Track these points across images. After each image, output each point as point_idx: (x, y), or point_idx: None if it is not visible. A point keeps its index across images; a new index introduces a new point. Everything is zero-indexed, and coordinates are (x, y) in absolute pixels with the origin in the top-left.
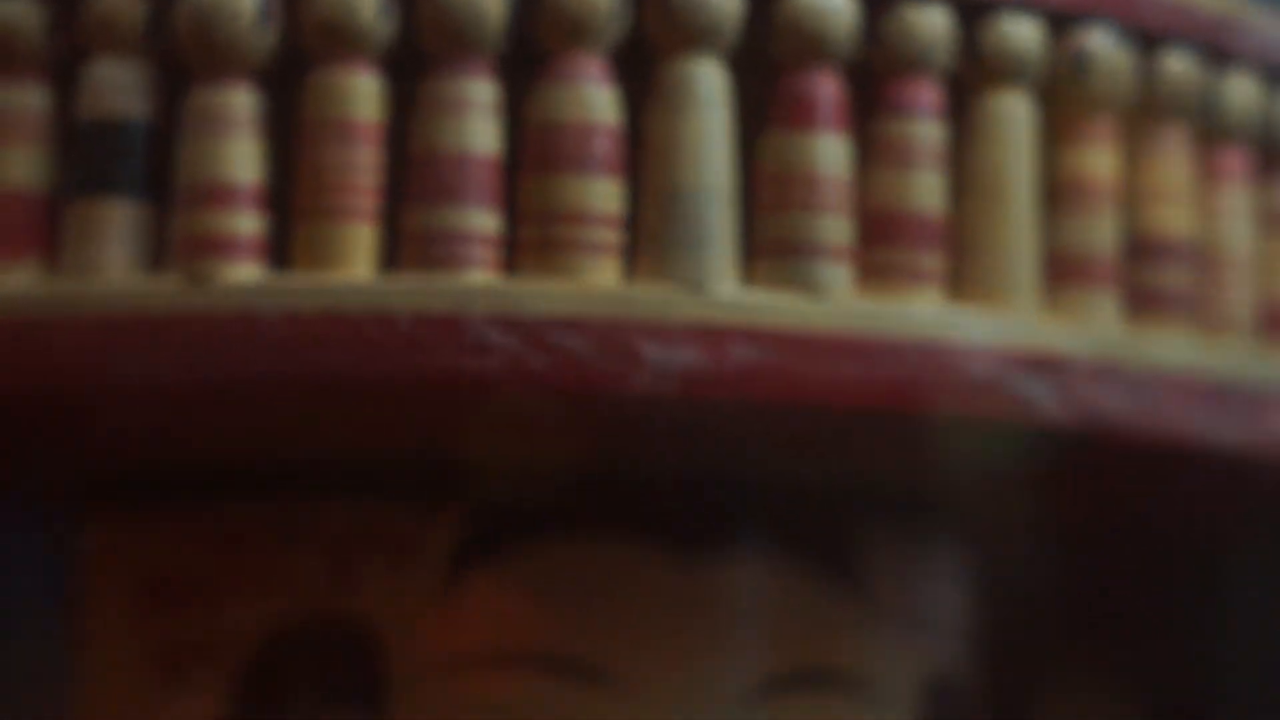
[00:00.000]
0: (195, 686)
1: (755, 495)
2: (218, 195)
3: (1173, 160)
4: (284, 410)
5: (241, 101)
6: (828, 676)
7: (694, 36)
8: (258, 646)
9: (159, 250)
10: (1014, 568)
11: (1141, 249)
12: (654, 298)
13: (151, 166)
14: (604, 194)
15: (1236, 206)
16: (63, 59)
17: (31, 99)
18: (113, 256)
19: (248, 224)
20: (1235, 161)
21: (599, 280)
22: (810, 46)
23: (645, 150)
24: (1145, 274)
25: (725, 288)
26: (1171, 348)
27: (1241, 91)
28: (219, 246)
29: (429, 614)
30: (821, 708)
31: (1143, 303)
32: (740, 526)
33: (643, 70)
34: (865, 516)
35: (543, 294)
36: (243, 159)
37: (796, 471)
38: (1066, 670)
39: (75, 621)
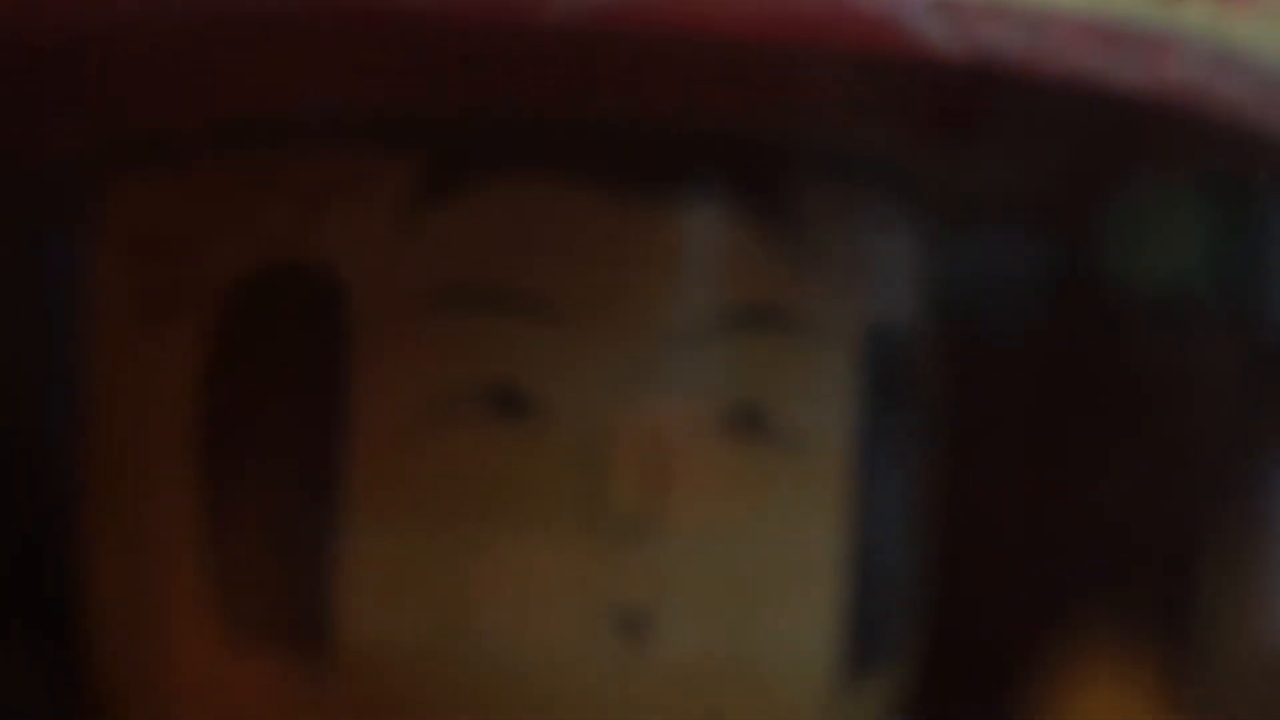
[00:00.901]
0: (176, 330)
1: (696, 144)
2: None
3: None
4: (258, 60)
5: None
6: (767, 313)
7: None
8: (231, 292)
9: None
10: (943, 221)
11: None
12: None
13: None
14: None
15: None
16: None
17: None
18: None
19: None
20: None
21: None
22: None
23: None
24: None
25: None
26: None
27: None
28: None
29: (387, 255)
30: (763, 345)
31: None
32: (682, 173)
33: None
34: (803, 162)
35: None
36: None
37: (735, 122)
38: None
39: (75, 283)
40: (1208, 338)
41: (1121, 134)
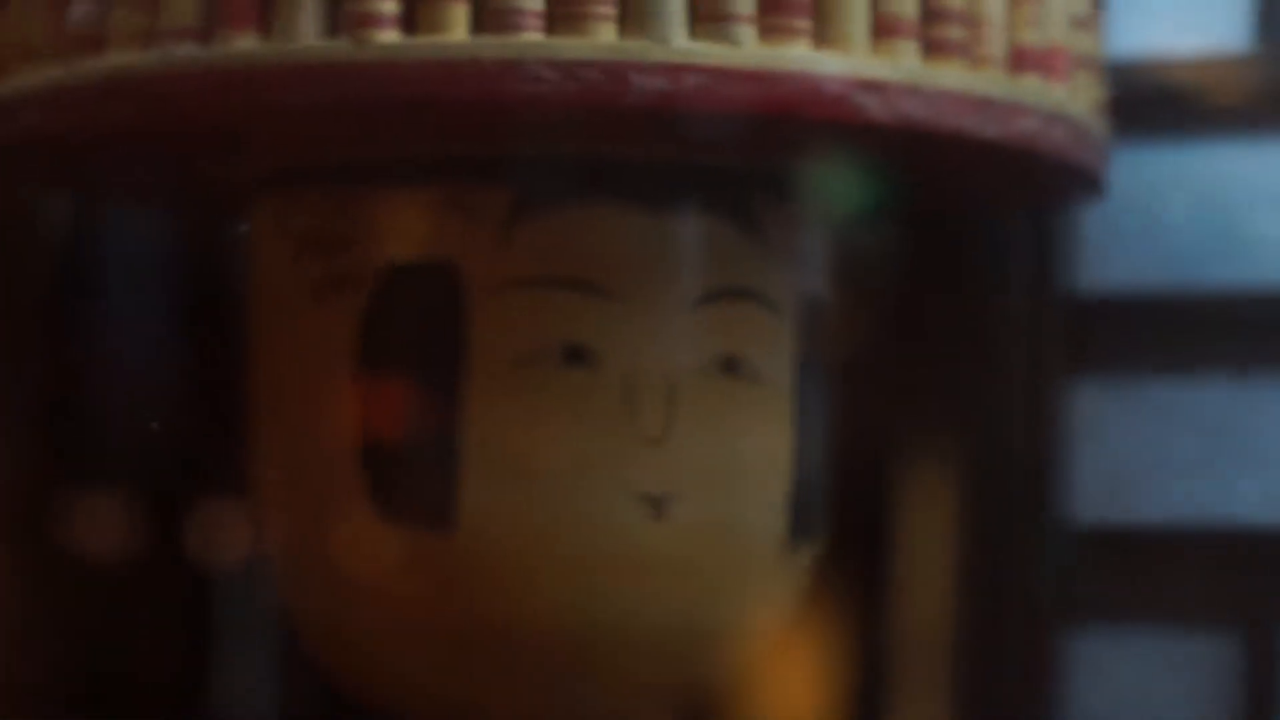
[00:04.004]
0: (336, 304)
1: (697, 174)
2: None
3: None
4: (409, 122)
5: None
6: (741, 292)
7: None
8: (382, 274)
9: (334, 24)
10: (853, 226)
11: (933, 14)
12: (638, 47)
13: None
14: None
15: None
16: None
17: None
18: (305, 28)
19: (389, 6)
20: None
21: (604, 37)
22: None
23: None
24: (935, 30)
25: (680, 41)
26: (952, 76)
27: None
28: (373, 20)
29: (491, 255)
30: (737, 313)
31: (934, 48)
32: (687, 194)
33: None
34: (764, 188)
35: (571, 46)
36: None
37: (722, 159)
38: None
39: (249, 271)
40: (1012, 298)
41: (985, 166)
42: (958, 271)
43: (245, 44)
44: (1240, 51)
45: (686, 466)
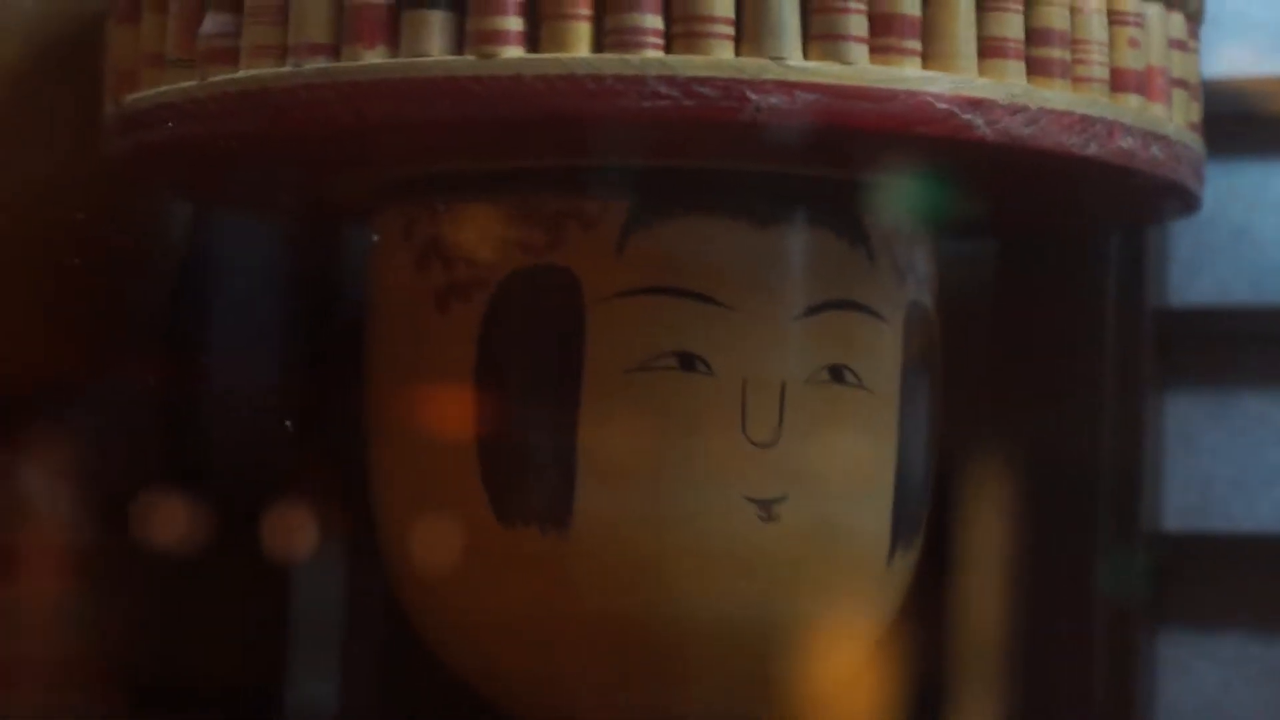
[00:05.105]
0: (458, 311)
1: (805, 187)
2: (496, 6)
3: None
4: (531, 136)
5: None
6: (849, 302)
7: None
8: (503, 282)
9: (460, 40)
10: (952, 237)
11: (1037, 34)
12: (754, 65)
13: None
14: (724, 5)
15: (1092, 8)
16: None
17: None
18: (432, 44)
19: (514, 23)
20: None
21: (722, 55)
22: None
23: None
24: (1039, 50)
25: (796, 60)
26: (1055, 95)
27: None
28: (498, 37)
29: (607, 264)
30: (844, 323)
31: (1037, 67)
32: (797, 207)
33: None
34: (871, 200)
35: (690, 64)
36: None
37: (829, 172)
38: None
39: (370, 280)
40: (1104, 311)
41: (1084, 182)
42: (1051, 284)
43: (373, 58)
44: None
45: (795, 471)
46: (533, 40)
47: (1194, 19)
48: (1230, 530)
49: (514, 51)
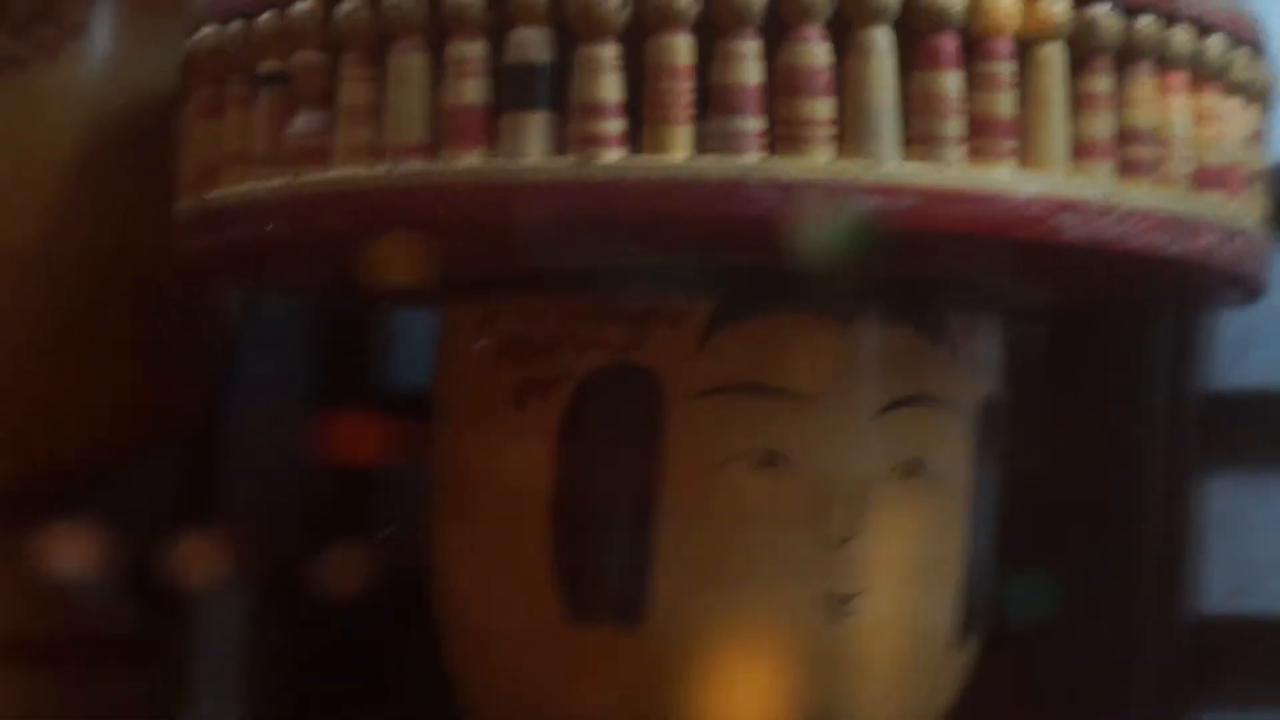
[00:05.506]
0: (536, 408)
1: (886, 283)
2: (597, 110)
3: (1143, 80)
4: (629, 238)
5: (609, 52)
6: (928, 398)
7: (872, 15)
8: (584, 380)
9: (561, 143)
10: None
11: (1126, 134)
12: (854, 168)
13: (554, 92)
14: (823, 108)
15: (1178, 107)
16: (496, 25)
17: (477, 50)
18: (532, 147)
19: (614, 126)
20: (1178, 80)
21: (822, 159)
22: (937, 21)
23: (846, 83)
24: (1128, 150)
25: (893, 163)
26: (1142, 195)
27: (1181, 37)
28: (598, 140)
29: (689, 361)
30: (923, 418)
31: (1126, 168)
32: (878, 304)
33: (844, 34)
34: (951, 296)
35: (790, 167)
36: (611, 88)
37: (911, 269)
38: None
39: (442, 372)
40: (1155, 385)
41: (1161, 278)
42: (1101, 364)
43: (472, 161)
44: None
45: (872, 566)
46: (634, 141)
47: (1268, 110)
48: (1272, 613)
49: (616, 154)
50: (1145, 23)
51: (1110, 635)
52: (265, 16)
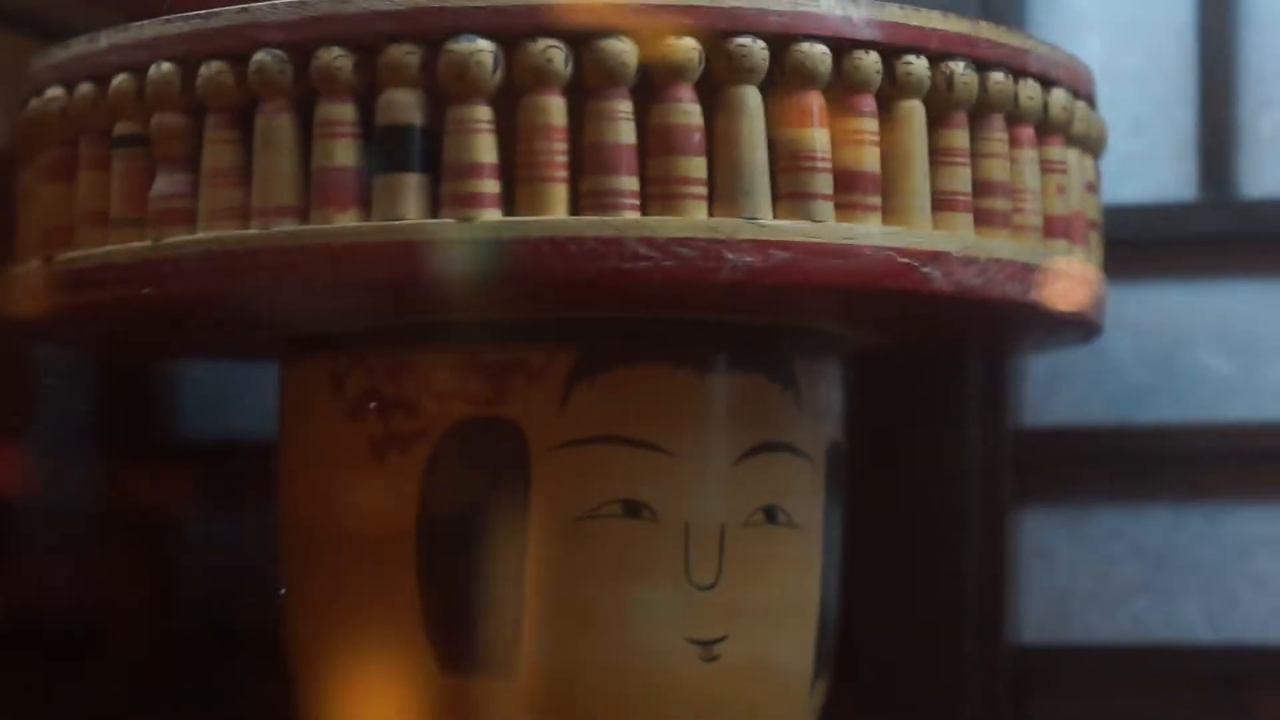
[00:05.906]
0: (402, 460)
1: (739, 334)
2: (471, 170)
3: (996, 135)
4: (511, 294)
5: (483, 114)
6: (781, 445)
7: (742, 75)
8: (447, 432)
9: (435, 204)
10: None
11: (981, 186)
12: (729, 225)
13: (428, 154)
14: (697, 167)
15: (1028, 159)
16: (366, 89)
17: (347, 113)
18: (409, 208)
19: (490, 186)
20: (1026, 134)
21: (698, 216)
22: (806, 79)
23: (717, 141)
24: (984, 201)
25: (767, 219)
26: (999, 246)
27: (1029, 91)
28: (474, 201)
29: (552, 414)
30: (778, 464)
31: (982, 219)
32: (732, 353)
33: (714, 94)
34: (799, 346)
35: (666, 225)
36: (485, 149)
37: (759, 319)
38: None
39: (287, 426)
40: (969, 424)
41: (1016, 322)
42: (914, 405)
43: (344, 222)
44: (1183, 201)
45: (734, 611)
46: (509, 203)
47: (1098, 160)
48: (1088, 642)
49: (492, 214)
50: (997, 78)
51: (934, 666)
52: (120, 79)
